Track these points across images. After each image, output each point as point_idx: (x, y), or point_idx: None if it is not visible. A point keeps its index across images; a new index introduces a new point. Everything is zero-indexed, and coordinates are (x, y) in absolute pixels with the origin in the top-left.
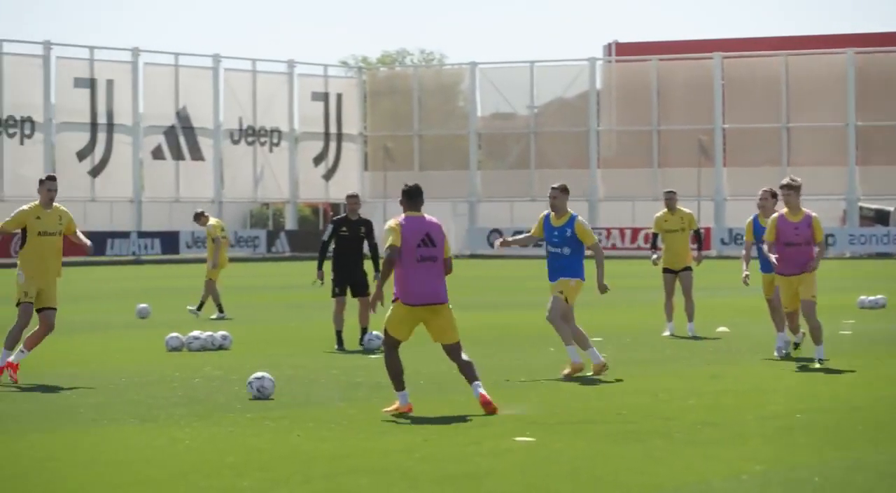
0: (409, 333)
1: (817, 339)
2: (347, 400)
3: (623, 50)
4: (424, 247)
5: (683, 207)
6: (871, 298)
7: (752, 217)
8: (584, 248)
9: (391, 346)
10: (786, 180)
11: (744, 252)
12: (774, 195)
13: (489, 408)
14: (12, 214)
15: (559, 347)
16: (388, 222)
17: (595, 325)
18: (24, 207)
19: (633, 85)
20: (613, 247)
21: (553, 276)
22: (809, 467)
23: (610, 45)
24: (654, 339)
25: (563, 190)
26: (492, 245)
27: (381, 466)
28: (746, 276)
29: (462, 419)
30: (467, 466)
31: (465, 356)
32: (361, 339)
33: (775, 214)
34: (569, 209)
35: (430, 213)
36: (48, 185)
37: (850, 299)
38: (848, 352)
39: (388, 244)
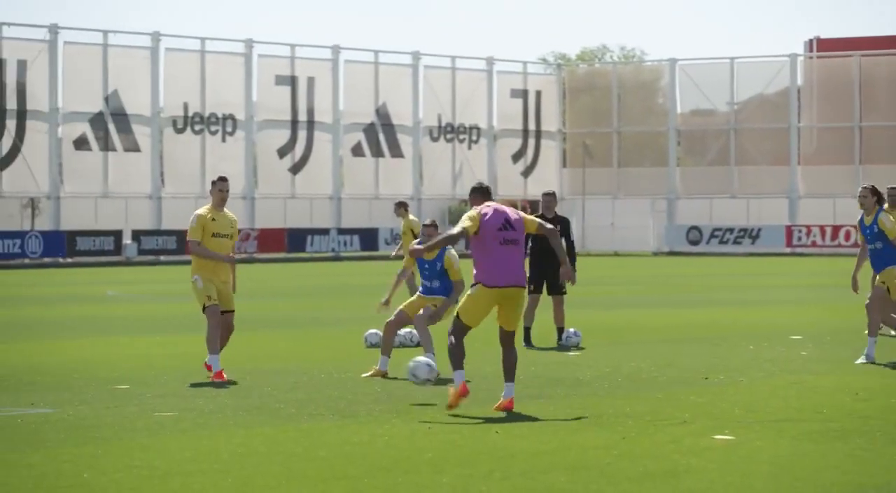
0: (481, 319)
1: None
2: (545, 397)
3: (824, 46)
4: (505, 231)
5: None
6: None
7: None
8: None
9: (460, 333)
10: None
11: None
12: (876, 193)
13: (506, 408)
14: (193, 223)
15: (758, 344)
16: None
17: (796, 322)
18: (200, 211)
19: (835, 81)
20: (814, 244)
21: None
22: None
23: (811, 40)
24: (853, 337)
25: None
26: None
27: (579, 463)
28: (855, 282)
29: (660, 416)
30: (666, 463)
31: (515, 348)
32: (560, 337)
33: None
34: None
35: (628, 209)
36: (220, 185)
37: None
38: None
39: (462, 227)
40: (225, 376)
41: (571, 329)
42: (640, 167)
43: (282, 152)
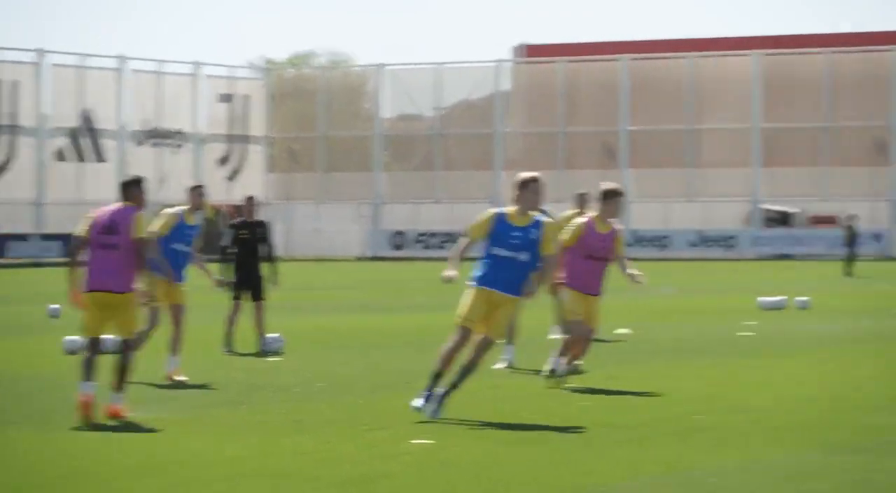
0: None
1: None
2: (246, 403)
3: (533, 52)
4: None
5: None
6: (773, 299)
7: None
8: None
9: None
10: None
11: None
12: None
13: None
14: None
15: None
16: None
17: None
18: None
19: (541, 87)
20: None
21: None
22: (706, 468)
23: (519, 47)
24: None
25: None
26: None
27: (280, 469)
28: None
29: (361, 421)
30: (366, 468)
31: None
32: (260, 343)
33: None
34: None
35: (333, 214)
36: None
37: (751, 300)
38: (748, 353)
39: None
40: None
41: (273, 335)
42: (346, 172)
43: None
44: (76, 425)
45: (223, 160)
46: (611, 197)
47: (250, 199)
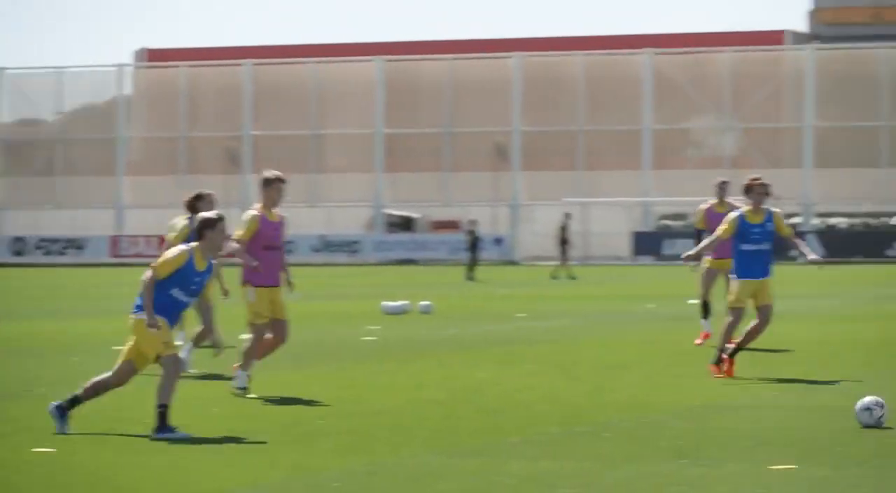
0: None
1: None
2: None
3: (154, 56)
4: None
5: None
6: (396, 303)
7: None
8: None
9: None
10: None
11: None
12: None
13: None
14: None
15: (84, 356)
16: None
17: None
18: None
19: (163, 91)
20: (139, 255)
21: None
22: (330, 472)
23: (140, 51)
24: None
25: None
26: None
27: None
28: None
29: None
30: None
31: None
32: None
33: None
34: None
35: None
36: None
37: (375, 304)
38: (372, 358)
39: None
40: None
41: None
42: None
43: None
44: None
45: None
46: (269, 184)
47: None
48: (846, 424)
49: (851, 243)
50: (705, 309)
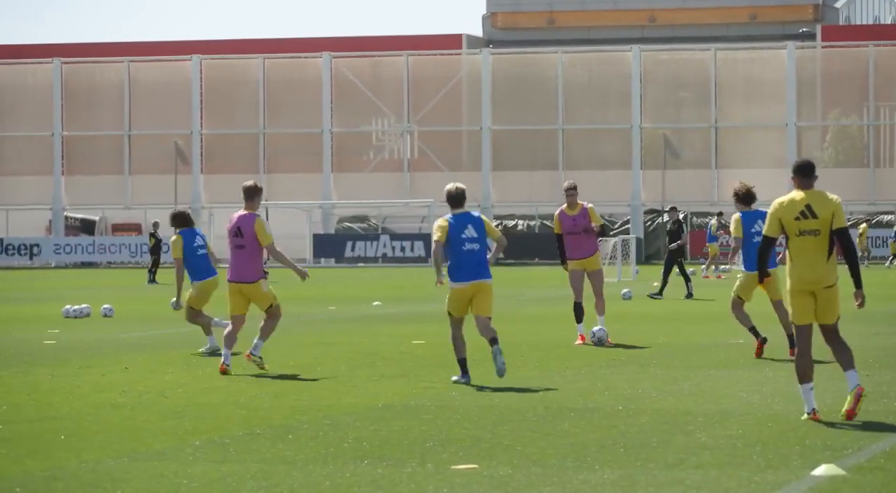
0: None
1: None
2: None
3: None
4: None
5: None
6: (77, 307)
7: None
8: None
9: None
10: None
11: None
12: None
13: None
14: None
15: None
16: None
17: None
18: None
19: None
20: None
21: None
22: (10, 478)
23: None
24: None
25: None
26: None
27: None
28: None
29: None
30: None
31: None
32: None
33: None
34: None
35: None
36: None
37: (56, 308)
38: (53, 361)
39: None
40: None
41: None
42: None
43: None
44: None
45: None
46: None
47: None
48: (524, 424)
49: (529, 245)
50: (578, 312)
